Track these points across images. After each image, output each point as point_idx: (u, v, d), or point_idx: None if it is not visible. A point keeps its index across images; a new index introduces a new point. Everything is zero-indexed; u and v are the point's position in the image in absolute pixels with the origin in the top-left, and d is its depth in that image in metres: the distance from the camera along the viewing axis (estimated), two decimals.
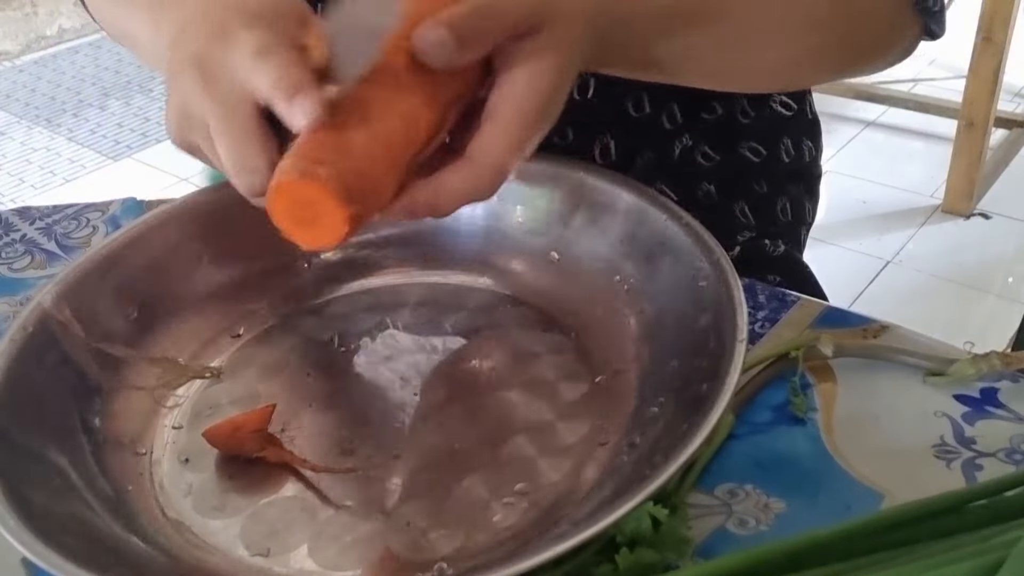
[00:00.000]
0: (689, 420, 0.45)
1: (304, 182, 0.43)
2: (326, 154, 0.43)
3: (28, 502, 0.44)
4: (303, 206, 0.43)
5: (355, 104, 0.45)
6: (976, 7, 2.14)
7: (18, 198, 2.68)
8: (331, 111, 0.44)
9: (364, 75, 0.46)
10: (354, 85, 0.46)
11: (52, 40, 3.66)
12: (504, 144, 0.46)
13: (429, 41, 0.45)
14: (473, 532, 0.47)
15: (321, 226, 0.44)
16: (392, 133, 0.45)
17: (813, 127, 0.87)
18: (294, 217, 0.44)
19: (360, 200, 0.44)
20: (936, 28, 0.66)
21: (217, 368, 0.59)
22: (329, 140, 0.44)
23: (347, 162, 0.44)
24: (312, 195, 0.43)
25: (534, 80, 0.46)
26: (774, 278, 0.78)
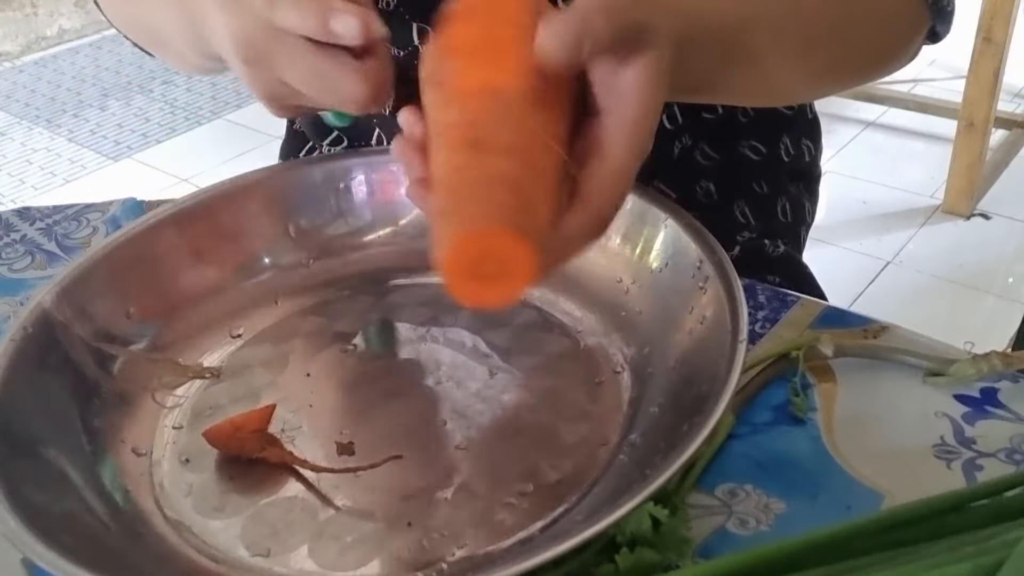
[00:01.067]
0: (689, 420, 0.45)
1: (504, 233, 0.38)
2: (513, 200, 0.39)
3: (28, 502, 0.44)
4: (489, 260, 0.39)
5: (509, 142, 0.41)
6: (976, 7, 2.13)
7: (18, 199, 2.68)
8: (479, 145, 0.41)
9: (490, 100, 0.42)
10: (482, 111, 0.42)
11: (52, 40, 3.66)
12: (621, 184, 0.44)
13: (554, 38, 0.42)
14: (474, 532, 0.47)
15: (503, 284, 0.39)
16: (550, 177, 0.42)
17: (813, 127, 0.87)
18: (473, 273, 0.39)
19: (534, 233, 0.40)
20: (941, 29, 0.66)
21: (217, 368, 0.59)
22: (508, 184, 0.40)
23: (529, 210, 0.40)
24: (506, 248, 0.38)
25: (642, 114, 0.44)
26: (774, 278, 0.78)
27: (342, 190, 0.65)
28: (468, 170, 0.41)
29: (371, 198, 0.66)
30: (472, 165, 0.41)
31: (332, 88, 0.49)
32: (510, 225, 0.39)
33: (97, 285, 0.57)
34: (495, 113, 0.42)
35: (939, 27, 0.66)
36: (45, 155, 2.92)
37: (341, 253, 0.65)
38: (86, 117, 3.12)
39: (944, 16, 0.65)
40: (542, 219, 0.41)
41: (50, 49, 3.64)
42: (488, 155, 0.41)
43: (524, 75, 0.43)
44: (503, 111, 0.42)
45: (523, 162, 0.41)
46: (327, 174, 0.65)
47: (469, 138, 0.42)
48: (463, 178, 0.41)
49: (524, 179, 0.41)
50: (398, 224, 0.66)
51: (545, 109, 0.43)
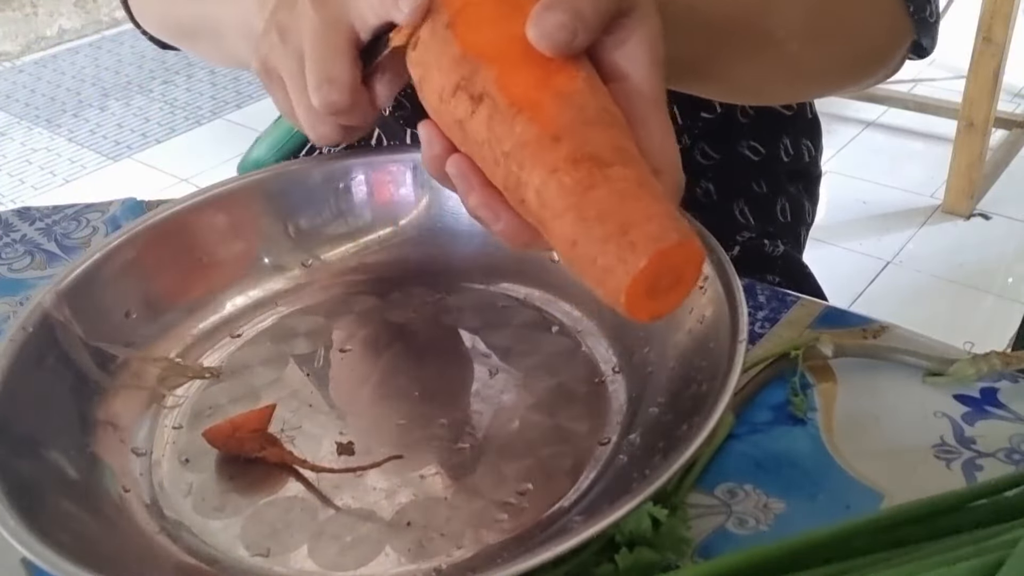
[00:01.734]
0: (689, 420, 0.45)
1: (685, 242, 0.37)
2: (656, 205, 0.38)
3: (28, 502, 0.44)
4: (667, 274, 0.37)
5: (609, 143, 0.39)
6: (976, 7, 2.14)
7: (18, 198, 2.69)
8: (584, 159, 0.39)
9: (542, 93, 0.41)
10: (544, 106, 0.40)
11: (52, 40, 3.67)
12: (671, 142, 0.43)
13: (550, 22, 0.41)
14: (473, 532, 0.47)
15: (679, 288, 0.38)
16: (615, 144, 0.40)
17: (812, 127, 0.87)
18: (651, 290, 0.37)
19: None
20: (926, 43, 0.66)
21: (217, 368, 0.59)
22: (641, 190, 0.38)
23: (635, 209, 0.38)
24: (684, 254, 0.37)
25: (654, 67, 0.43)
26: (773, 278, 0.78)
27: (342, 190, 0.65)
28: (595, 189, 0.38)
29: (371, 198, 0.66)
30: (580, 177, 0.38)
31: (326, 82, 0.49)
32: (680, 233, 0.37)
33: (97, 285, 0.57)
34: (578, 119, 0.40)
35: (923, 40, 0.66)
36: (45, 155, 2.92)
37: (341, 253, 0.65)
38: (86, 117, 3.13)
39: (927, 28, 0.65)
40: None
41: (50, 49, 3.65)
42: (595, 164, 0.38)
43: (569, 69, 0.42)
44: (581, 113, 0.40)
45: (629, 156, 0.39)
46: (327, 174, 0.65)
47: (574, 154, 0.39)
48: (589, 196, 0.38)
49: (642, 172, 0.39)
50: (398, 224, 0.66)
51: (591, 88, 0.42)
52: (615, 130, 0.40)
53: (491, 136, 0.41)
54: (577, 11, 0.42)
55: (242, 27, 0.61)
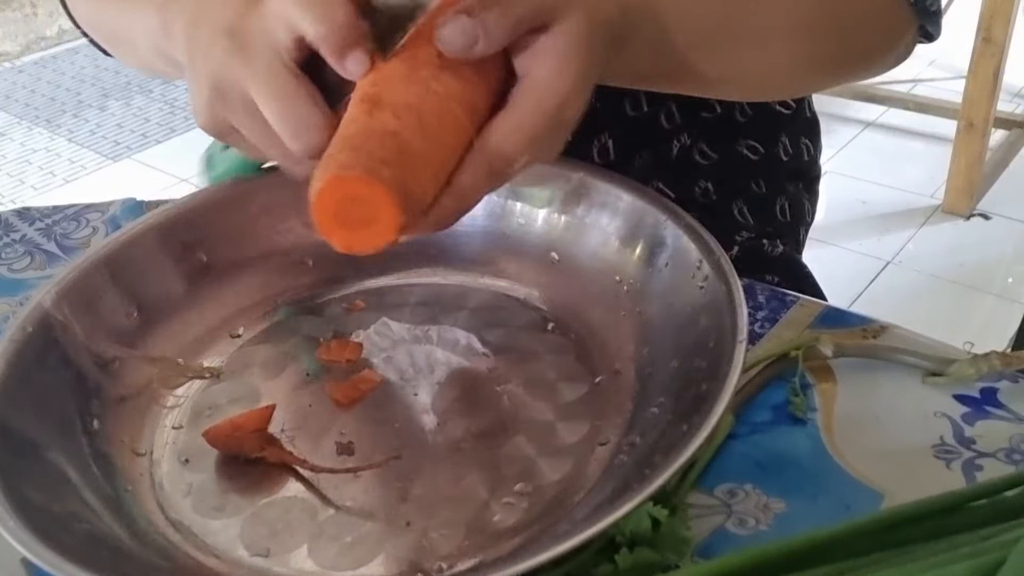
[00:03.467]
0: (689, 420, 0.45)
1: (367, 180, 0.40)
2: (389, 154, 0.41)
3: (28, 502, 0.44)
4: (355, 205, 0.41)
5: (407, 102, 0.43)
6: (976, 7, 2.14)
7: (18, 199, 2.69)
8: (377, 104, 0.43)
9: (405, 65, 0.45)
10: (394, 74, 0.45)
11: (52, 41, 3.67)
12: (517, 132, 0.45)
13: (452, 30, 0.44)
14: (473, 532, 0.47)
15: (368, 231, 0.41)
16: (445, 141, 0.44)
17: (812, 126, 0.87)
18: (339, 215, 0.41)
19: (412, 208, 0.42)
20: (932, 29, 0.66)
21: (217, 368, 0.59)
22: (388, 138, 0.42)
23: (408, 166, 0.42)
24: (371, 195, 0.40)
25: (554, 73, 0.46)
26: (773, 278, 0.78)
27: None
28: (356, 123, 0.43)
29: None
30: (362, 118, 0.43)
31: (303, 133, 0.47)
32: (375, 175, 0.40)
33: (97, 285, 0.57)
34: (401, 76, 0.45)
35: (929, 27, 0.66)
36: (45, 155, 2.92)
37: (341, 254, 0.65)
38: (86, 117, 3.13)
39: (930, 16, 0.65)
40: (424, 181, 0.43)
41: (50, 49, 3.65)
42: (380, 111, 0.43)
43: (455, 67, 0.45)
44: (408, 74, 0.44)
45: (416, 123, 0.43)
46: None
47: (369, 94, 0.44)
48: (350, 129, 0.43)
49: (411, 138, 0.42)
50: None
51: (461, 80, 0.45)
52: (428, 102, 0.44)
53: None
54: (481, 22, 0.44)
55: (152, 45, 0.59)
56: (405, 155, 0.42)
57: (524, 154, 0.46)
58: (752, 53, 0.59)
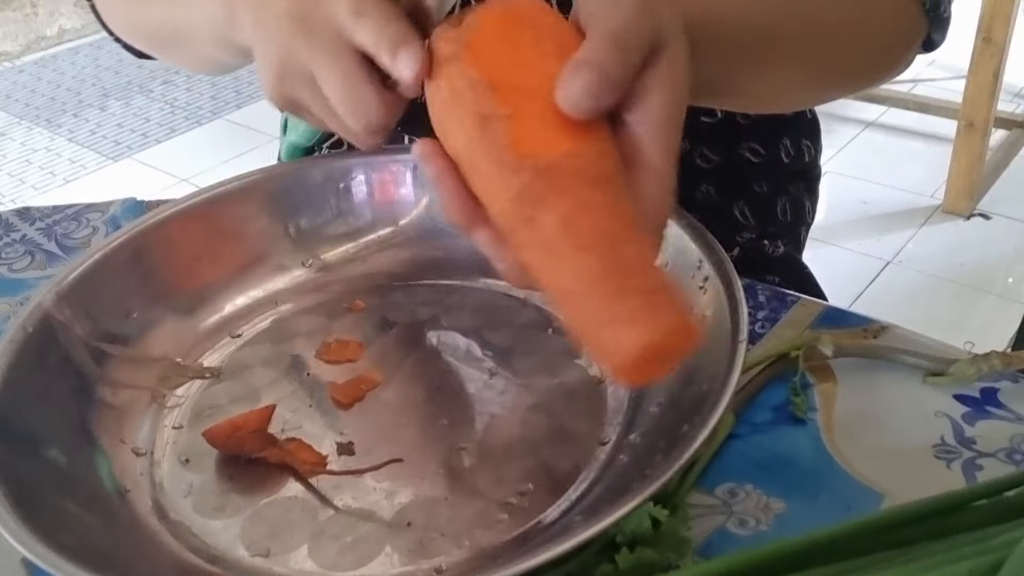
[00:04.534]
0: (689, 420, 0.45)
1: (692, 331, 0.38)
2: (647, 278, 0.39)
3: (28, 502, 0.44)
4: (664, 350, 0.38)
5: (625, 222, 0.40)
6: (976, 7, 2.14)
7: (18, 199, 2.69)
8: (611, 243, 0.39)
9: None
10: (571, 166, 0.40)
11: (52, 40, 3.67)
12: (671, 192, 0.42)
13: (578, 89, 0.40)
14: (474, 532, 0.47)
15: (670, 361, 0.39)
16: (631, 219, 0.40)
17: (812, 127, 0.87)
18: (650, 361, 0.38)
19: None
20: (937, 37, 0.66)
21: (217, 368, 0.59)
22: (624, 259, 0.39)
23: (659, 278, 0.39)
24: (682, 338, 0.38)
25: (669, 112, 0.42)
26: (773, 278, 0.78)
27: (342, 190, 0.65)
28: (629, 244, 0.39)
29: (371, 198, 0.66)
30: (631, 240, 0.39)
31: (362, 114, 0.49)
32: (688, 317, 0.38)
33: (97, 285, 0.57)
34: (615, 178, 0.41)
35: (935, 35, 0.66)
36: (45, 155, 2.92)
37: (341, 253, 0.65)
38: (86, 117, 3.13)
39: (941, 24, 0.65)
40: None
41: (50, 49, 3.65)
42: (622, 244, 0.39)
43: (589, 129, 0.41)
44: (616, 174, 0.41)
45: (638, 238, 0.40)
46: (327, 174, 0.65)
47: (610, 199, 0.40)
48: (626, 253, 0.39)
49: (652, 253, 0.40)
50: (398, 224, 0.66)
51: (612, 153, 0.42)
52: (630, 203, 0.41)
53: (520, 146, 0.41)
54: (606, 72, 0.40)
55: (214, 34, 0.60)
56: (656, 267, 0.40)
57: (672, 201, 0.43)
58: (783, 68, 0.58)
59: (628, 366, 0.38)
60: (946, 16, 0.65)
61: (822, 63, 0.61)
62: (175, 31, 0.67)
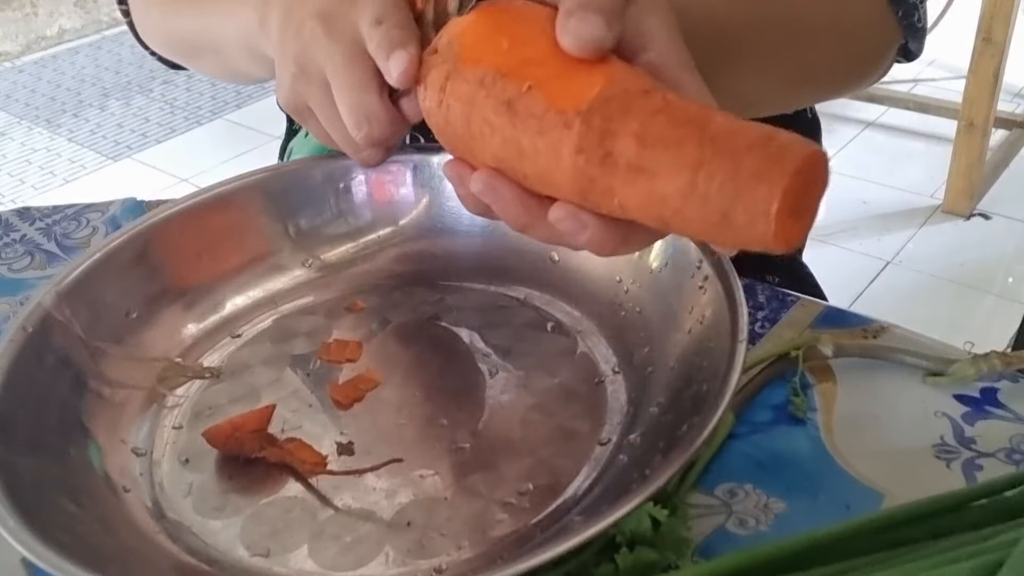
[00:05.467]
0: (689, 420, 0.45)
1: (810, 161, 0.36)
2: (745, 135, 0.37)
3: (28, 502, 0.44)
4: (803, 195, 0.36)
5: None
6: (976, 7, 2.14)
7: (18, 198, 2.69)
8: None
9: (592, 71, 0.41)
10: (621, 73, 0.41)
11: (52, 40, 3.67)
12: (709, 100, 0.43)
13: (578, 28, 0.41)
14: (473, 532, 0.47)
15: (806, 215, 0.37)
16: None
17: (813, 127, 0.87)
18: (794, 211, 0.36)
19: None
20: (914, 47, 0.66)
21: (217, 368, 0.59)
22: (716, 130, 0.37)
23: (756, 126, 0.38)
24: (811, 177, 0.36)
25: (671, 33, 0.44)
26: (773, 278, 0.78)
27: (342, 190, 0.65)
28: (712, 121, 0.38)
29: (371, 198, 0.66)
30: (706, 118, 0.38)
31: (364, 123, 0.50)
32: (806, 145, 0.36)
33: (97, 285, 0.57)
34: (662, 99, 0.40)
35: (911, 44, 0.66)
36: (45, 155, 2.92)
37: (341, 253, 0.65)
38: (86, 117, 3.13)
39: (915, 32, 0.65)
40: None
41: (50, 49, 3.65)
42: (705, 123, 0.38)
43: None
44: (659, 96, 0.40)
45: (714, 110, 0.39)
46: (327, 174, 0.65)
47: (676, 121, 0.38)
48: (717, 130, 0.38)
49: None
50: (398, 224, 0.66)
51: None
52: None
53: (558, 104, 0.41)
54: (596, 6, 0.41)
55: (244, 44, 0.61)
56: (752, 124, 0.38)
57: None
58: (747, 69, 0.59)
59: (778, 225, 0.36)
60: (920, 25, 0.65)
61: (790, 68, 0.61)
62: (206, 40, 0.68)
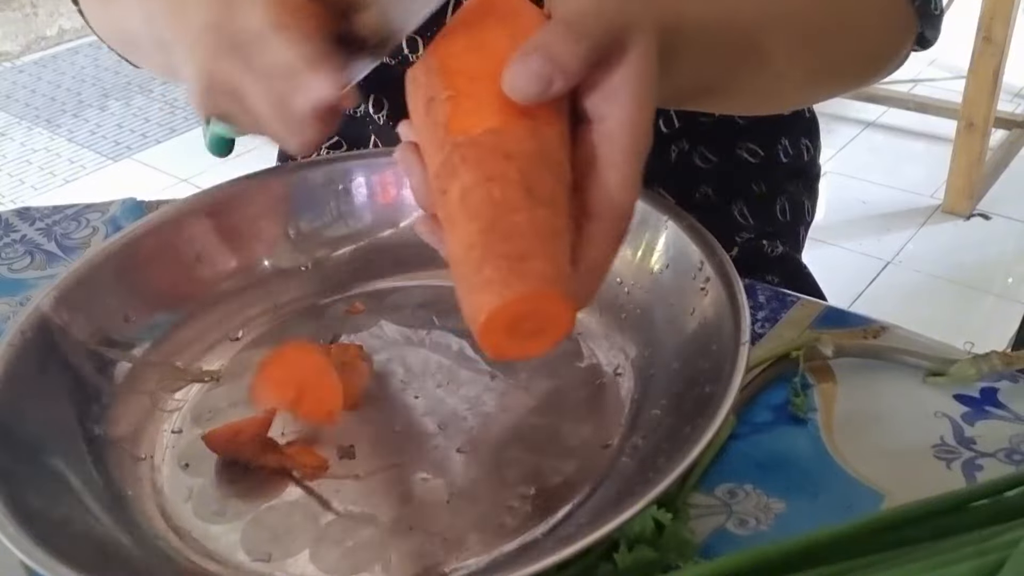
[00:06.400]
0: (692, 422, 0.45)
1: (538, 294, 0.37)
2: (522, 245, 0.38)
3: (28, 507, 0.44)
4: (526, 320, 0.38)
5: (518, 172, 0.40)
6: (976, 7, 2.14)
7: (18, 199, 2.69)
8: (529, 193, 0.39)
9: (497, 131, 0.41)
10: (490, 143, 0.41)
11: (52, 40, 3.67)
12: (631, 191, 0.42)
13: (522, 72, 0.40)
14: (475, 536, 0.47)
15: (537, 340, 0.39)
16: (561, 196, 0.40)
17: (811, 126, 0.87)
18: (512, 334, 0.38)
19: (566, 284, 0.39)
20: (931, 35, 0.66)
21: (216, 372, 0.59)
22: (525, 227, 0.38)
23: (558, 252, 0.39)
24: (543, 307, 0.38)
25: (638, 114, 0.42)
26: (773, 279, 0.78)
27: (342, 192, 0.65)
28: (518, 212, 0.39)
29: (371, 200, 0.66)
30: (522, 208, 0.39)
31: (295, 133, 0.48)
32: (564, 290, 0.38)
33: (95, 289, 0.57)
34: (534, 151, 0.41)
35: (927, 32, 0.66)
36: (45, 155, 2.92)
37: (341, 256, 0.65)
38: (86, 117, 3.13)
39: (932, 21, 0.65)
40: (566, 258, 0.40)
41: (50, 49, 3.65)
42: (539, 204, 0.39)
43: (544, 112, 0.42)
44: (539, 149, 0.41)
45: (560, 211, 0.40)
46: (327, 176, 0.65)
47: (514, 174, 0.40)
48: (514, 220, 0.39)
49: (563, 230, 0.39)
50: (398, 226, 0.66)
51: (562, 137, 0.42)
52: (559, 185, 0.41)
53: (451, 124, 0.42)
54: (554, 59, 0.40)
55: (149, 39, 0.57)
56: (563, 252, 0.39)
57: (635, 202, 0.42)
58: (772, 68, 0.58)
59: (481, 332, 0.38)
60: (936, 13, 0.65)
61: (813, 63, 0.61)
62: (129, 37, 0.65)
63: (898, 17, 0.64)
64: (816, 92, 0.69)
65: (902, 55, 0.67)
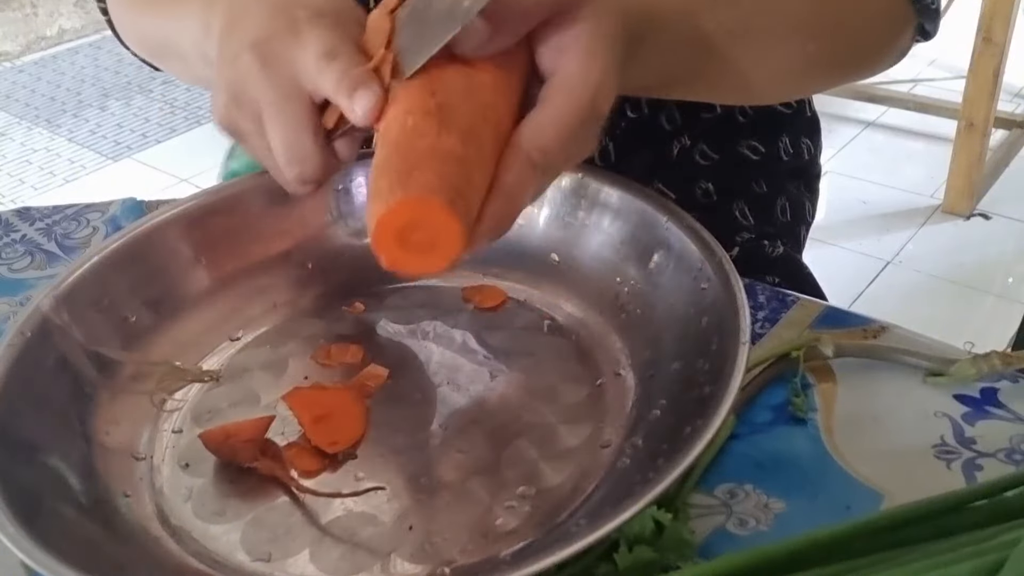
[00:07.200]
0: (692, 423, 0.45)
1: (442, 208, 0.40)
2: (454, 177, 0.41)
3: (27, 507, 0.44)
4: (415, 230, 0.40)
5: (436, 105, 0.43)
6: (976, 7, 2.14)
7: (18, 198, 2.69)
8: (441, 120, 0.42)
9: (429, 71, 0.44)
10: (420, 82, 0.44)
11: (52, 40, 3.66)
12: (554, 125, 0.44)
13: (469, 34, 0.44)
14: (476, 536, 0.47)
15: (427, 256, 0.41)
16: (488, 149, 0.43)
17: (812, 125, 0.87)
18: (402, 237, 0.41)
19: (468, 216, 0.41)
20: (930, 27, 0.66)
21: (216, 372, 0.59)
22: (450, 161, 0.41)
23: (468, 184, 0.41)
24: (440, 223, 0.40)
25: (584, 66, 0.44)
26: (773, 279, 0.78)
27: (341, 192, 0.65)
28: (423, 138, 0.42)
29: None
30: (428, 134, 0.42)
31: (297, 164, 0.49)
32: (449, 201, 0.40)
33: (95, 289, 0.57)
34: (460, 90, 0.44)
35: (927, 25, 0.66)
36: (45, 155, 2.92)
37: (340, 256, 0.65)
38: (86, 117, 3.13)
39: (929, 13, 0.65)
40: (476, 192, 0.42)
41: (50, 49, 3.65)
42: (447, 132, 0.42)
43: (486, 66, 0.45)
44: (467, 90, 0.44)
45: (476, 146, 0.42)
46: None
47: (432, 106, 0.43)
48: (416, 144, 0.42)
49: (473, 162, 0.42)
50: None
51: (501, 86, 0.45)
52: (484, 124, 0.44)
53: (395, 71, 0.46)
54: (494, 19, 0.43)
55: (198, 51, 0.59)
56: (468, 182, 0.41)
57: (562, 148, 0.44)
58: (756, 58, 0.59)
59: (374, 240, 0.41)
60: (934, 6, 0.65)
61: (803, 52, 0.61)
62: (169, 44, 0.66)
63: (892, 12, 0.64)
64: (811, 83, 0.70)
65: (900, 48, 0.67)
